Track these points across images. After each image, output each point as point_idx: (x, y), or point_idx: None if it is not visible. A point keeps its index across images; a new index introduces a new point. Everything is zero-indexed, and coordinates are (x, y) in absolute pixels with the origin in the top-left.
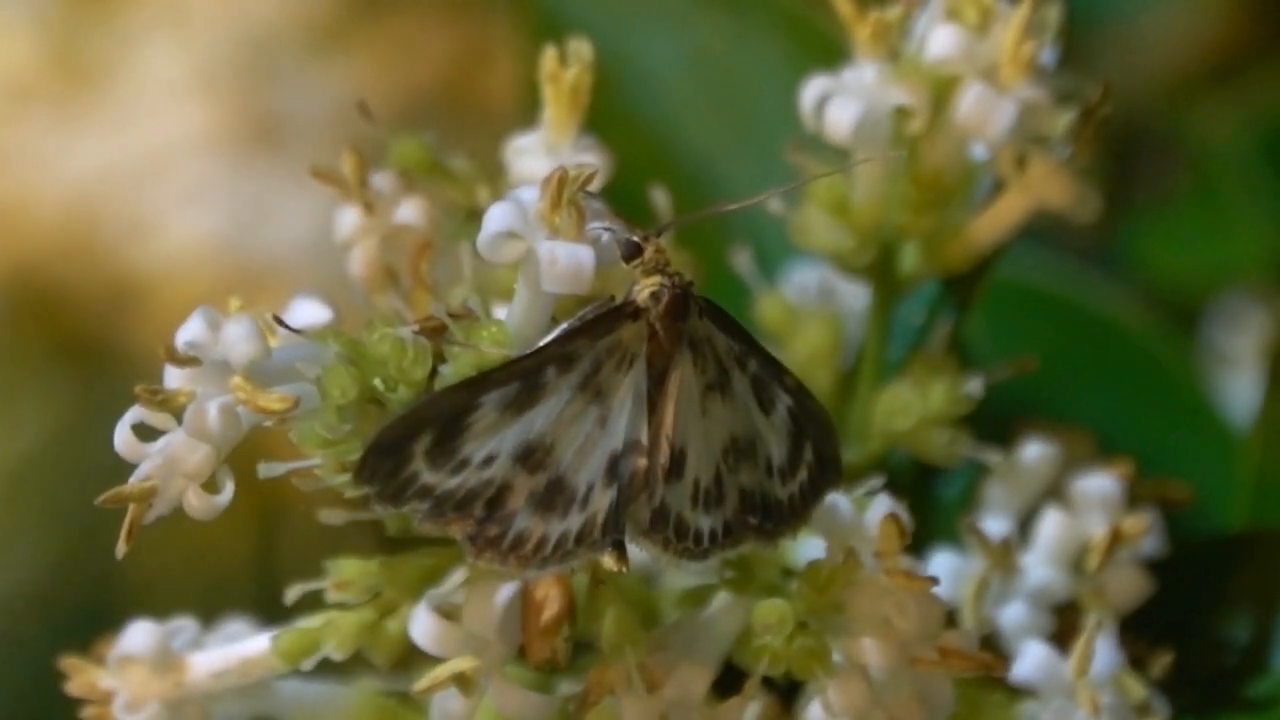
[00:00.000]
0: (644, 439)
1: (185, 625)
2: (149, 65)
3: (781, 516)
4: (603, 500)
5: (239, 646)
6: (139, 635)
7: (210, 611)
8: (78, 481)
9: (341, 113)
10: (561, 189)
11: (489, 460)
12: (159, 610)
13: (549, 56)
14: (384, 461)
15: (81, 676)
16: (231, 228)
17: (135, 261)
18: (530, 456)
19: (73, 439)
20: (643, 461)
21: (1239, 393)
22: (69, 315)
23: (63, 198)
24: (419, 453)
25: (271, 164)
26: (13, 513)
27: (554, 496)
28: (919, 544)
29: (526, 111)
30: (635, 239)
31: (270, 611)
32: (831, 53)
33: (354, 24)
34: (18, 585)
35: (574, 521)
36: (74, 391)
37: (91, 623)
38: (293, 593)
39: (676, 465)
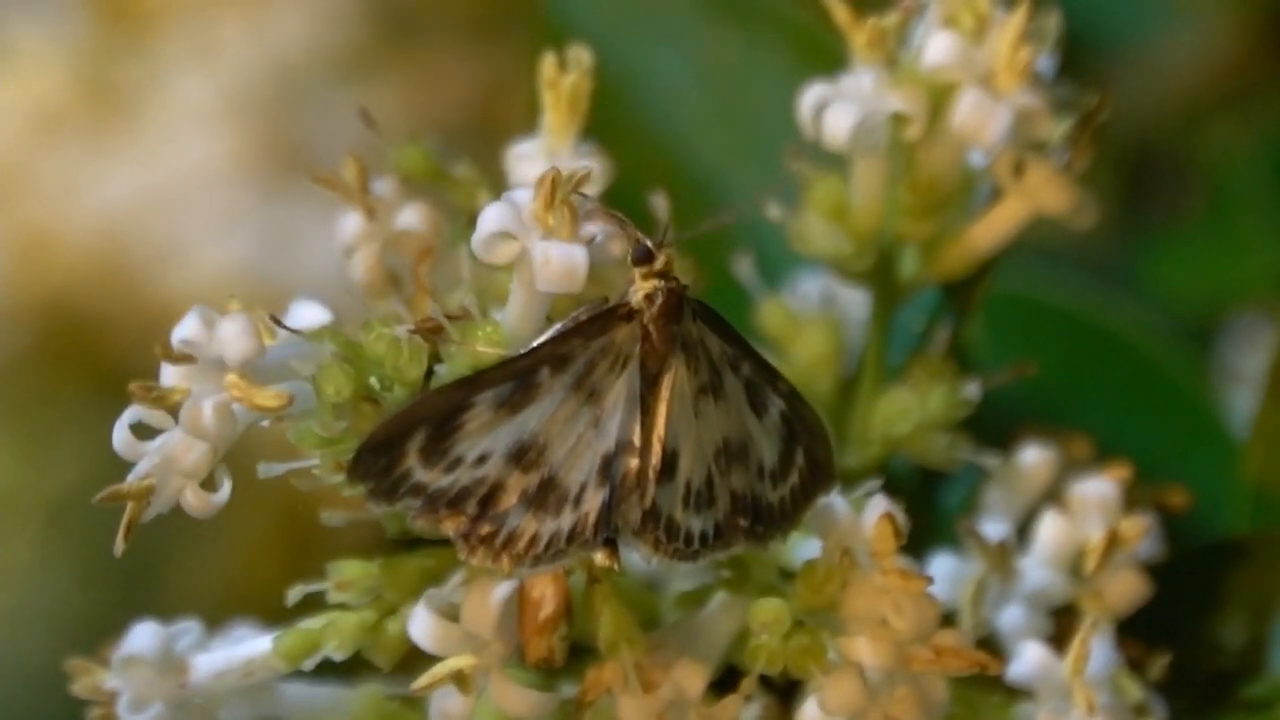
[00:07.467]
0: (636, 440)
1: (189, 627)
2: (178, 94)
3: (772, 519)
4: (595, 500)
5: (241, 648)
6: (142, 636)
7: None
8: (114, 512)
9: (368, 141)
10: (555, 189)
11: (482, 459)
12: None
13: (547, 63)
14: (377, 459)
15: (86, 677)
16: (260, 255)
17: (164, 289)
18: (523, 456)
19: (109, 469)
20: (635, 462)
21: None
22: (100, 342)
23: (93, 227)
24: (412, 450)
25: (299, 191)
26: (50, 544)
27: (546, 496)
28: (921, 550)
29: None
30: (649, 244)
31: None
32: (838, 66)
33: (381, 53)
34: (56, 619)
35: (566, 521)
36: (107, 420)
37: None
38: (293, 594)
39: (668, 467)
